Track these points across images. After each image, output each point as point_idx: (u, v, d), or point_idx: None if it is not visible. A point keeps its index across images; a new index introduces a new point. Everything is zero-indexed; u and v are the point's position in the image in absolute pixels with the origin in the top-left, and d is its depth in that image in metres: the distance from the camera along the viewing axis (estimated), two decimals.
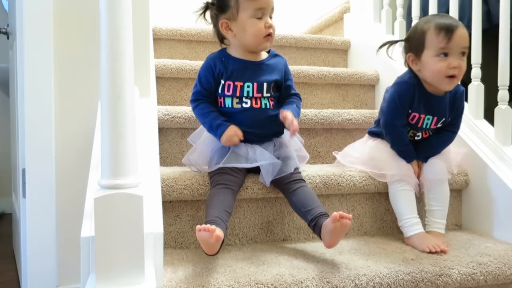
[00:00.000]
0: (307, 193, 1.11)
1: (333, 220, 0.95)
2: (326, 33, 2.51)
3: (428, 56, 1.18)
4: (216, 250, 0.95)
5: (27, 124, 1.20)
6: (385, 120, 1.28)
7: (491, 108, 1.39)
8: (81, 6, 1.24)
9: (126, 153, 0.76)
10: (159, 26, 1.91)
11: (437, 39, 1.15)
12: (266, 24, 1.13)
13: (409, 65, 1.25)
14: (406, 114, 1.25)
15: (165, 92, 1.67)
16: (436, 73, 1.17)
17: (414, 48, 1.21)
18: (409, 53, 1.23)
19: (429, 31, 1.17)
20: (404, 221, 1.20)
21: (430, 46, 1.17)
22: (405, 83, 1.24)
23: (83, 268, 0.82)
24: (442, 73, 1.16)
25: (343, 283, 0.94)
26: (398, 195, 1.23)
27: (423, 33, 1.18)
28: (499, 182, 1.28)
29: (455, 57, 1.15)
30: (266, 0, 1.12)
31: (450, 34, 1.14)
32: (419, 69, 1.22)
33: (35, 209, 1.20)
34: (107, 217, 0.75)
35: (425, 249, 1.12)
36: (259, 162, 1.13)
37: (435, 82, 1.20)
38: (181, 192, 1.13)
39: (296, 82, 1.81)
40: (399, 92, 1.24)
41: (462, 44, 1.15)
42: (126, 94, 0.76)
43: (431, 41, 1.16)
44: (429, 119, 1.26)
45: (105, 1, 0.74)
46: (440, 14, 1.26)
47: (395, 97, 1.24)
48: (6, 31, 1.80)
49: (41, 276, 1.20)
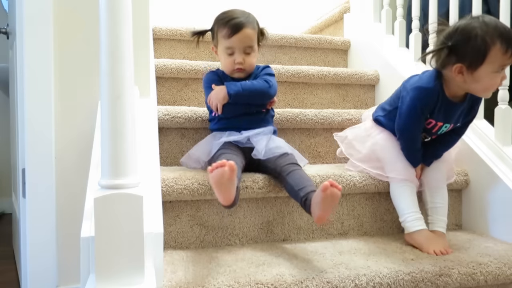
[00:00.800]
0: (302, 175, 1.12)
1: (323, 189, 0.91)
2: (326, 33, 2.51)
3: (487, 71, 1.06)
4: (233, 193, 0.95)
5: (27, 124, 1.20)
6: (403, 124, 1.22)
7: (491, 108, 1.39)
8: (81, 6, 1.24)
9: (126, 153, 0.76)
10: (159, 26, 1.91)
11: (503, 56, 1.04)
12: (235, 61, 1.26)
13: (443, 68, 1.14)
14: (425, 119, 1.21)
15: (165, 92, 1.67)
16: (492, 88, 1.09)
17: (469, 60, 1.07)
18: (458, 64, 1.09)
19: (494, 46, 1.03)
20: (406, 215, 1.19)
21: (492, 61, 1.04)
22: (430, 91, 1.14)
23: (83, 268, 0.82)
24: (492, 89, 1.09)
25: (343, 283, 0.94)
26: (399, 191, 1.23)
27: (487, 45, 1.04)
28: (499, 182, 1.28)
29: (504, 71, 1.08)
30: (236, 41, 1.24)
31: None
32: (465, 80, 1.09)
33: (35, 209, 1.20)
34: (107, 217, 0.74)
35: (431, 253, 1.11)
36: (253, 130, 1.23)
37: (482, 94, 1.13)
38: (181, 192, 1.13)
39: (296, 82, 1.82)
40: (421, 99, 1.16)
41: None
42: (126, 94, 0.76)
43: (495, 57, 1.04)
44: (446, 127, 1.24)
45: (105, 1, 0.74)
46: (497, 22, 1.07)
47: (417, 105, 1.16)
48: (6, 31, 1.80)
49: (41, 276, 1.20)
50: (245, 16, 1.27)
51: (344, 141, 1.39)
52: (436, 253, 1.10)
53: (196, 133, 1.42)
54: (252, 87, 1.25)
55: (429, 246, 1.12)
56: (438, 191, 1.25)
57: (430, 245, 1.13)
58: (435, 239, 1.15)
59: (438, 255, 1.10)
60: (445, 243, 1.15)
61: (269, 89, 1.27)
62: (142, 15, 1.27)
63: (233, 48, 1.26)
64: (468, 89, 1.14)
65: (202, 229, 1.18)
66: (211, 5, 2.83)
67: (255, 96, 1.26)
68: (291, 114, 1.49)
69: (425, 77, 1.20)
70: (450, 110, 1.19)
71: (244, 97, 1.24)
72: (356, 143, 1.34)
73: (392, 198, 1.26)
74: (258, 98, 1.27)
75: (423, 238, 1.15)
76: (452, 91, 1.17)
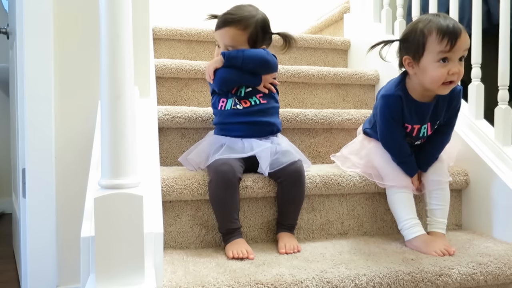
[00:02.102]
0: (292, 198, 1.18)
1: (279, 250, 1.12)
2: (326, 33, 2.51)
3: (428, 61, 1.11)
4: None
5: (27, 124, 1.20)
6: (382, 134, 1.24)
7: (491, 108, 1.39)
8: (81, 6, 1.24)
9: (126, 153, 0.76)
10: (159, 26, 1.91)
11: (440, 45, 1.09)
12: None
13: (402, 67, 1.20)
14: (402, 125, 1.22)
15: (165, 92, 1.67)
16: (436, 79, 1.11)
17: (412, 51, 1.14)
18: (406, 56, 1.17)
19: (431, 35, 1.10)
20: (403, 223, 1.19)
21: (431, 51, 1.10)
22: (393, 97, 1.19)
23: (83, 268, 0.82)
24: (441, 80, 1.11)
25: (343, 283, 0.94)
26: (395, 198, 1.22)
27: (424, 36, 1.11)
28: (499, 182, 1.28)
29: (455, 63, 1.10)
30: (217, 35, 1.25)
31: (454, 41, 1.08)
32: (415, 73, 1.16)
33: (35, 209, 1.20)
34: (107, 217, 0.75)
35: (434, 255, 1.10)
36: (256, 150, 1.17)
37: (432, 88, 1.15)
38: (181, 192, 1.13)
39: (296, 82, 1.82)
40: (388, 106, 1.20)
41: (463, 49, 1.10)
42: (126, 94, 0.76)
43: (433, 46, 1.10)
44: (425, 128, 1.24)
45: (105, 1, 0.74)
46: (440, 15, 1.15)
47: (386, 112, 1.20)
48: (6, 31, 1.80)
49: (41, 276, 1.20)
50: (242, 15, 1.23)
51: (340, 158, 1.39)
52: (438, 254, 1.10)
53: (196, 133, 1.42)
54: (248, 51, 1.22)
55: (429, 249, 1.12)
56: (437, 193, 1.24)
57: (429, 248, 1.12)
58: (434, 242, 1.14)
59: (440, 255, 1.10)
60: (445, 243, 1.15)
61: (266, 55, 1.23)
62: (142, 15, 1.27)
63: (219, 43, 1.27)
64: (421, 83, 1.16)
65: (202, 229, 1.18)
66: (211, 5, 2.83)
67: (251, 59, 1.21)
68: (291, 114, 1.49)
69: (389, 85, 1.24)
70: (421, 111, 1.20)
71: (239, 58, 1.20)
72: (352, 157, 1.35)
73: (389, 205, 1.25)
74: (254, 62, 1.22)
75: (422, 243, 1.14)
76: (417, 92, 1.19)
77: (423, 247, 1.13)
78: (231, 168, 1.12)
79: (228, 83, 1.24)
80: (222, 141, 1.22)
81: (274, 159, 1.16)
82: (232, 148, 1.19)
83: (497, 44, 1.36)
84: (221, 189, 1.10)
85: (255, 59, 1.22)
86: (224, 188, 1.10)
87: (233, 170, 1.11)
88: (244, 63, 1.20)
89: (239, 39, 1.22)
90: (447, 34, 1.08)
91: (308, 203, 1.26)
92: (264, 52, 1.23)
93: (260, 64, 1.23)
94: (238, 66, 1.21)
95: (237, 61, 1.20)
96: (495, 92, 1.37)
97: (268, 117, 1.26)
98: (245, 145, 1.20)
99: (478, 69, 1.44)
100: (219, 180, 1.10)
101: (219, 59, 1.23)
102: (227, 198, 1.11)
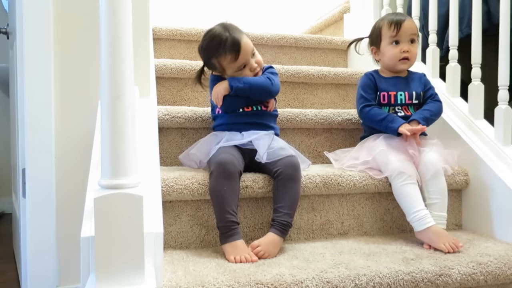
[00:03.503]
0: (289, 191, 1.16)
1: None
2: (326, 33, 2.51)
3: (384, 45, 1.42)
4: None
5: (27, 123, 1.20)
6: (359, 108, 1.42)
7: (491, 108, 1.39)
8: (81, 6, 1.24)
9: (126, 153, 0.76)
10: (159, 26, 1.91)
11: (389, 31, 1.39)
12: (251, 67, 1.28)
13: (374, 58, 1.47)
14: (375, 98, 1.41)
15: (165, 92, 1.67)
16: (392, 57, 1.40)
17: (374, 41, 1.46)
18: (372, 46, 1.48)
19: (384, 26, 1.41)
20: (413, 215, 1.19)
21: (385, 37, 1.41)
22: (365, 75, 1.46)
23: (83, 268, 0.82)
24: (396, 57, 1.39)
25: (343, 283, 0.94)
26: (401, 190, 1.23)
27: (379, 28, 1.43)
28: (499, 182, 1.28)
29: (405, 43, 1.39)
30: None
31: (398, 26, 1.38)
32: (379, 58, 1.45)
33: (35, 209, 1.20)
34: (107, 217, 0.75)
35: (442, 248, 1.13)
36: (253, 136, 1.22)
37: (392, 65, 1.41)
38: (181, 192, 1.13)
39: (296, 82, 1.81)
40: (361, 83, 1.45)
41: (409, 32, 1.38)
42: (126, 94, 0.76)
43: (385, 33, 1.41)
44: (402, 95, 1.40)
45: (105, 1, 0.74)
46: (393, 13, 1.56)
47: (359, 89, 1.44)
48: (6, 31, 1.80)
49: (41, 276, 1.20)
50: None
51: (336, 157, 1.43)
52: (448, 250, 1.12)
53: (196, 133, 1.42)
54: (253, 81, 1.26)
55: (439, 241, 1.14)
56: (434, 180, 1.25)
57: (439, 240, 1.14)
58: (443, 234, 1.16)
59: (449, 250, 1.12)
60: (453, 237, 1.16)
61: (271, 86, 1.29)
62: (142, 15, 1.27)
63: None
64: (385, 64, 1.44)
65: (202, 229, 1.18)
66: (211, 5, 2.83)
67: (256, 90, 1.27)
68: (291, 114, 1.49)
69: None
70: (395, 82, 1.43)
71: (246, 90, 1.25)
72: (350, 154, 1.39)
73: (396, 198, 1.26)
74: (259, 92, 1.28)
75: (433, 234, 1.16)
76: (386, 73, 1.46)
77: (434, 238, 1.15)
78: (231, 159, 1.13)
79: (235, 108, 1.30)
80: (222, 136, 1.25)
81: (272, 151, 1.19)
82: (232, 140, 1.23)
83: (497, 44, 1.37)
84: (222, 179, 1.10)
85: (260, 89, 1.28)
86: (224, 178, 1.10)
87: (233, 161, 1.13)
88: (251, 93, 1.27)
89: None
90: (393, 22, 1.39)
91: (308, 203, 1.26)
92: (269, 83, 1.29)
93: (264, 94, 1.30)
94: (244, 96, 1.27)
95: (244, 92, 1.26)
96: (495, 92, 1.37)
97: (267, 121, 1.32)
98: (244, 136, 1.24)
99: (478, 69, 1.44)
100: (220, 170, 1.11)
101: (226, 86, 1.26)
102: (227, 189, 1.10)
